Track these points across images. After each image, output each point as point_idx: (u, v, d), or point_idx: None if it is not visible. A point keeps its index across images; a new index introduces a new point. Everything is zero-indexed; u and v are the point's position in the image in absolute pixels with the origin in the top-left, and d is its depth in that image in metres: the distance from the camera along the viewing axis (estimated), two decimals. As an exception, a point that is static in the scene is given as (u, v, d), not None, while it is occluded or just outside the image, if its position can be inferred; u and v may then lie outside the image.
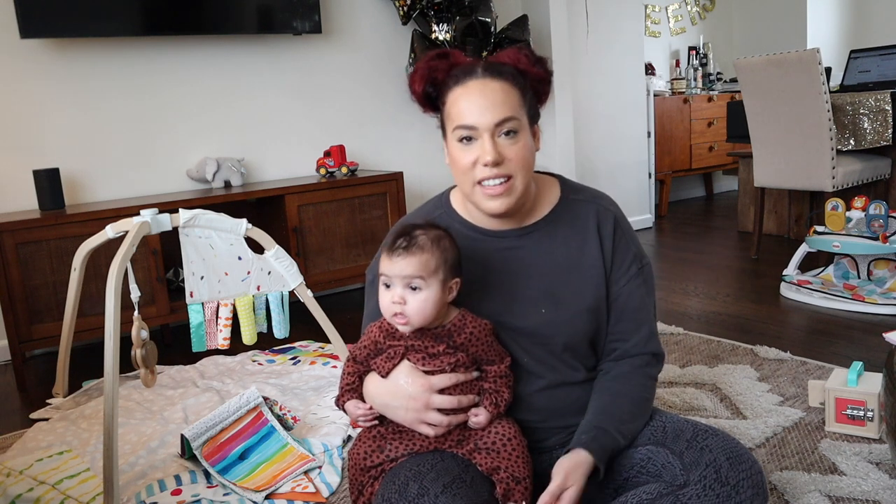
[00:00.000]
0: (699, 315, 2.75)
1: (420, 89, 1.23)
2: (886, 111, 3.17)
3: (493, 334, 1.21)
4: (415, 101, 1.26)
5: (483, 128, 1.15)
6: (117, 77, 2.97)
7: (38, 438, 1.98)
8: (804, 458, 1.62)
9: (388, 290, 1.16)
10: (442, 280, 1.15)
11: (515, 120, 1.16)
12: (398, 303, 1.14)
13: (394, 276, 1.15)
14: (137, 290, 1.93)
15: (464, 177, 1.19)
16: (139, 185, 3.06)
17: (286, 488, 1.63)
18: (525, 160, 1.18)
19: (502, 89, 1.16)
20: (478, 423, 1.19)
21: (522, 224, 1.27)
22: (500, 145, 1.16)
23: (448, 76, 1.21)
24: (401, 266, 1.14)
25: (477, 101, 1.16)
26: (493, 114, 1.15)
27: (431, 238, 1.16)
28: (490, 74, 1.18)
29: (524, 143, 1.18)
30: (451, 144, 1.20)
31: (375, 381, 1.21)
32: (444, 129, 1.23)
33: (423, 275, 1.13)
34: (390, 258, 1.15)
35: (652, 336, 1.30)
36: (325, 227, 3.02)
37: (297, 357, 2.53)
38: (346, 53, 3.50)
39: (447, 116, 1.21)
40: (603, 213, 1.29)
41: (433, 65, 1.22)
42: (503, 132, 1.16)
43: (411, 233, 1.16)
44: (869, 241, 2.66)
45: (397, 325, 1.17)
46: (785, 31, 5.54)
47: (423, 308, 1.14)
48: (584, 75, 4.23)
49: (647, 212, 4.69)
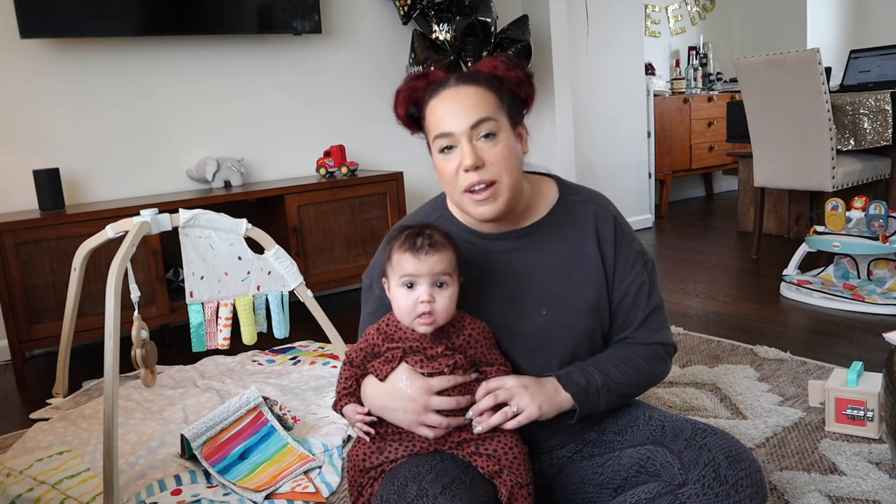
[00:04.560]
0: (699, 315, 2.75)
1: (403, 112, 1.24)
2: (886, 111, 3.17)
3: (491, 337, 1.21)
4: (401, 124, 1.26)
5: (459, 132, 1.15)
6: (117, 77, 2.97)
7: (38, 438, 1.98)
8: (804, 458, 1.62)
9: (412, 290, 1.14)
10: (458, 277, 1.17)
11: (492, 121, 1.16)
12: (428, 301, 1.13)
13: (422, 275, 1.13)
14: (137, 290, 1.93)
15: (450, 186, 1.19)
16: (139, 185, 3.06)
17: (286, 488, 1.63)
18: (507, 161, 1.16)
19: (476, 93, 1.16)
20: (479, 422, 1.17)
21: (520, 226, 1.26)
22: (478, 149, 1.15)
23: (425, 94, 1.21)
24: (430, 263, 1.13)
25: (451, 107, 1.16)
26: (467, 117, 1.15)
27: (443, 235, 1.17)
28: (463, 82, 1.18)
29: (505, 145, 1.17)
30: (434, 157, 1.21)
31: (374, 384, 1.20)
32: (428, 144, 1.23)
33: (450, 271, 1.14)
34: (417, 257, 1.13)
35: (662, 328, 1.30)
36: (325, 227, 3.02)
37: (297, 357, 2.53)
38: (346, 53, 3.50)
39: (427, 130, 1.21)
40: (602, 214, 1.29)
41: (412, 85, 1.22)
42: (481, 135, 1.15)
43: (424, 232, 1.15)
44: (869, 241, 2.66)
45: (420, 326, 1.15)
46: (785, 31, 5.54)
47: (450, 305, 1.15)
48: (584, 75, 4.23)
49: (647, 212, 4.69)
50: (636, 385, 1.26)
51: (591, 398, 1.20)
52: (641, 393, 1.31)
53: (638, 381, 1.26)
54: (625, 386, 1.23)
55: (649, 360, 1.27)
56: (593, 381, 1.20)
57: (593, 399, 1.20)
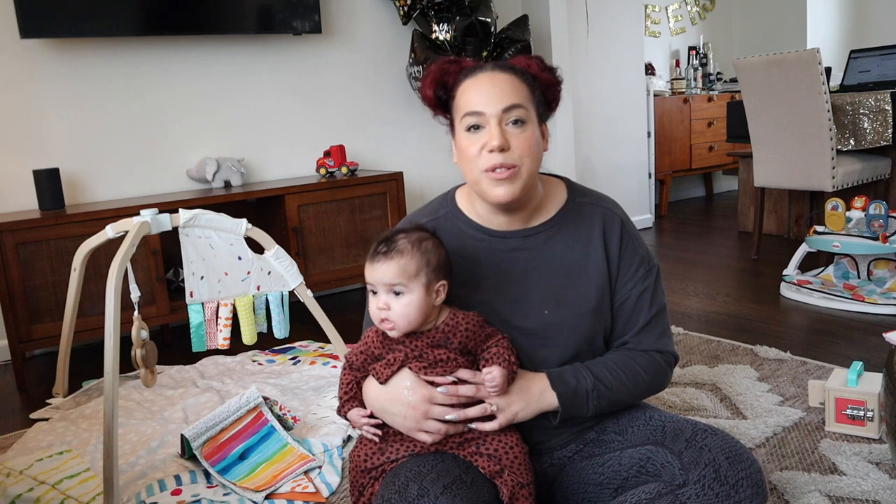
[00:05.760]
0: (699, 315, 2.75)
1: (431, 93, 1.25)
2: (886, 111, 3.18)
3: (485, 323, 1.21)
4: (426, 104, 1.28)
5: (490, 114, 1.16)
6: (117, 77, 2.97)
7: (38, 438, 1.98)
8: (804, 458, 1.62)
9: (375, 296, 1.16)
10: (425, 283, 1.14)
11: (523, 109, 1.17)
12: (383, 309, 1.14)
13: (377, 283, 1.15)
14: (137, 290, 1.93)
15: (470, 165, 1.19)
16: (139, 185, 3.06)
17: (286, 488, 1.63)
18: (532, 150, 1.18)
19: (510, 80, 1.18)
20: (493, 380, 1.16)
21: (528, 225, 1.27)
22: (507, 133, 1.16)
23: (458, 76, 1.23)
24: (381, 272, 1.14)
25: (485, 89, 1.17)
26: (501, 100, 1.16)
27: (412, 241, 1.15)
28: (499, 68, 1.20)
29: (531, 135, 1.18)
30: (459, 136, 1.21)
31: (375, 387, 1.21)
32: (453, 124, 1.24)
33: (402, 280, 1.13)
34: (371, 265, 1.15)
35: (663, 335, 1.29)
36: (325, 227, 3.02)
37: (297, 357, 2.53)
38: (346, 53, 3.50)
39: (456, 108, 1.22)
40: (609, 217, 1.29)
41: (444, 68, 1.24)
42: (511, 120, 1.17)
43: (393, 238, 1.16)
44: (869, 241, 2.66)
45: (386, 330, 1.17)
46: (785, 31, 5.54)
47: (406, 313, 1.14)
48: (584, 75, 4.23)
49: (647, 212, 4.69)
50: (630, 393, 1.25)
51: (578, 400, 1.20)
52: (637, 402, 1.29)
53: (633, 388, 1.24)
54: (617, 392, 1.23)
55: (647, 369, 1.26)
56: (583, 384, 1.20)
57: (580, 402, 1.20)
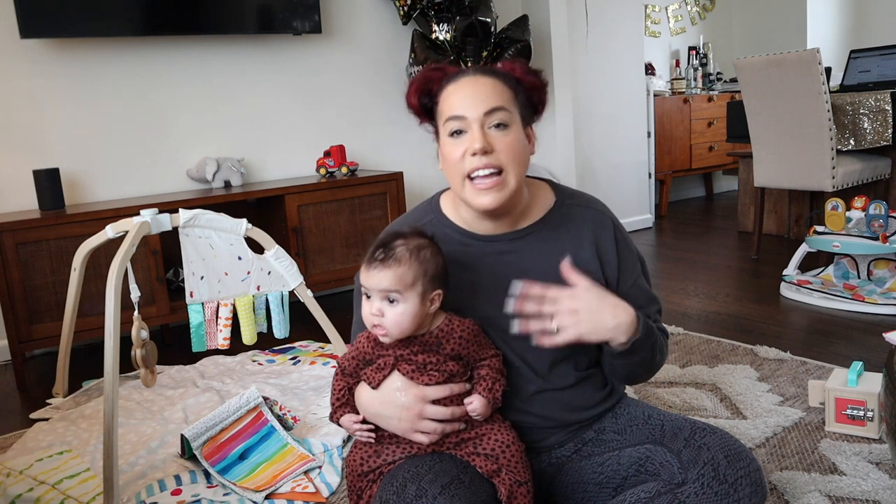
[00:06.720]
0: (699, 315, 2.75)
1: (416, 101, 1.25)
2: (886, 111, 3.17)
3: (480, 333, 1.21)
4: (412, 112, 1.28)
5: (472, 118, 1.16)
6: (117, 77, 2.97)
7: (38, 438, 1.98)
8: (804, 458, 1.62)
9: (368, 301, 1.16)
10: (421, 293, 1.13)
11: (505, 111, 1.17)
12: (376, 315, 1.14)
13: (372, 289, 1.14)
14: (137, 290, 1.93)
15: (454, 170, 1.19)
16: (139, 185, 3.06)
17: (286, 488, 1.63)
18: (516, 153, 1.17)
19: (493, 84, 1.18)
20: (474, 410, 1.17)
21: (515, 228, 1.26)
22: (489, 136, 1.16)
23: (441, 82, 1.23)
24: (377, 279, 1.13)
25: (467, 93, 1.17)
26: (483, 103, 1.16)
27: (411, 249, 1.14)
28: (482, 72, 1.20)
29: (515, 137, 1.18)
30: (442, 141, 1.21)
31: (367, 392, 1.20)
32: (437, 130, 1.24)
33: (399, 288, 1.12)
34: (367, 270, 1.14)
35: (658, 316, 1.32)
36: (325, 227, 3.02)
37: (297, 357, 2.53)
38: (346, 54, 3.50)
39: (439, 114, 1.22)
40: (600, 219, 1.29)
41: (428, 75, 1.24)
42: (493, 124, 1.16)
43: (391, 243, 1.15)
44: (869, 241, 2.66)
45: (378, 335, 1.17)
46: (785, 31, 5.54)
47: (400, 321, 1.13)
48: (584, 75, 4.23)
49: (647, 212, 4.69)
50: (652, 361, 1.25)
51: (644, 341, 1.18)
52: (650, 376, 1.30)
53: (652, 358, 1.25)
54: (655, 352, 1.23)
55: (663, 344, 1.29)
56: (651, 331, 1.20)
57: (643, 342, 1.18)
